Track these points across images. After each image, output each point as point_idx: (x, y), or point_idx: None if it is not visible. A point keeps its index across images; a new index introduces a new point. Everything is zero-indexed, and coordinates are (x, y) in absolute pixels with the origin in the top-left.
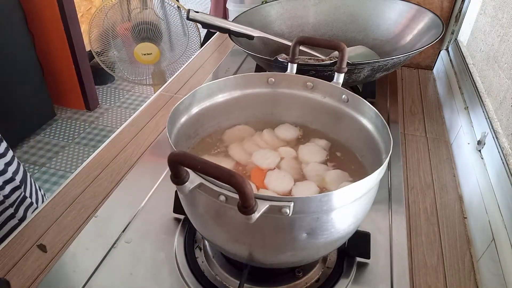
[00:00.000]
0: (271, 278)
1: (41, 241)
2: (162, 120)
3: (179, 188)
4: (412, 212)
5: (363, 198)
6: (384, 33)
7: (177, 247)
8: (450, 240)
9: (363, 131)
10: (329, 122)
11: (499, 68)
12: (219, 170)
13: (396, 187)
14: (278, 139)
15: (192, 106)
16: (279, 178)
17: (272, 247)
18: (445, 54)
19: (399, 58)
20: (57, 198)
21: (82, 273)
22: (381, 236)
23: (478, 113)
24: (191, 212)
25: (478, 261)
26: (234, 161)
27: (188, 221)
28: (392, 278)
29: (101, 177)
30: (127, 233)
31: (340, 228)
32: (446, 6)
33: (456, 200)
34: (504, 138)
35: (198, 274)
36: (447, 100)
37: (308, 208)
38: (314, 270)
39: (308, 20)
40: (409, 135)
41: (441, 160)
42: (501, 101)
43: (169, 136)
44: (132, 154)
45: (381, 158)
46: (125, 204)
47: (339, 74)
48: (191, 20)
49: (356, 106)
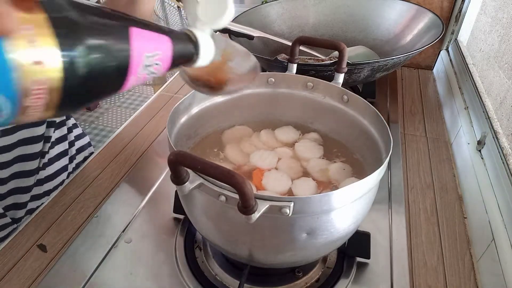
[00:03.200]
0: (271, 278)
1: (41, 241)
2: (162, 120)
3: (179, 188)
4: (412, 212)
5: (363, 198)
6: (384, 33)
7: (177, 247)
8: (450, 240)
9: (363, 131)
10: (329, 122)
11: (499, 68)
12: (219, 170)
13: (396, 187)
14: (275, 140)
15: (192, 106)
16: (277, 178)
17: (272, 247)
18: (445, 54)
19: (399, 58)
20: (57, 198)
21: (82, 273)
22: (381, 236)
23: (478, 113)
24: (191, 212)
25: (478, 261)
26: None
27: (188, 221)
28: (392, 278)
29: (101, 177)
30: (127, 233)
31: (340, 228)
32: (446, 6)
33: (456, 200)
34: (504, 138)
35: (198, 274)
36: (447, 100)
37: (308, 208)
38: (314, 270)
39: (308, 20)
40: (409, 135)
41: (441, 160)
42: (501, 101)
43: (169, 136)
44: (132, 154)
45: (381, 158)
46: (125, 204)
47: (339, 74)
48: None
49: (356, 106)
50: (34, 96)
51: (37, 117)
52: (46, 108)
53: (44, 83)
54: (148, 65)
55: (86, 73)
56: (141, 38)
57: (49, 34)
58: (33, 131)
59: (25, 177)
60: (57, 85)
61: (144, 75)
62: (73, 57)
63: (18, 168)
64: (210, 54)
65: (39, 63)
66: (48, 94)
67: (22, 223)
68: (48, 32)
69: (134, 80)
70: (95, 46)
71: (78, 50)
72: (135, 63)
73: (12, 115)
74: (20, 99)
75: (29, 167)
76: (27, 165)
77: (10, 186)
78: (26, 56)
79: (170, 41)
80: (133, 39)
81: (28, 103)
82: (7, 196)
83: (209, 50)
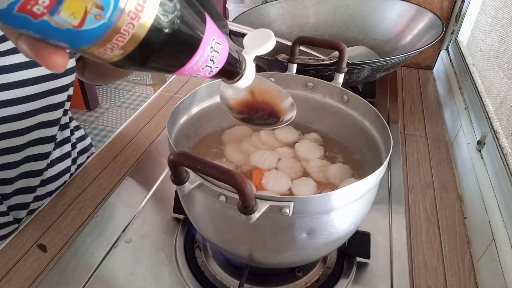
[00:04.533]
0: (271, 278)
1: (41, 241)
2: (162, 120)
3: (179, 188)
4: (412, 212)
5: (363, 198)
6: (384, 33)
7: (177, 247)
8: (450, 240)
9: (363, 131)
10: (329, 122)
11: (499, 68)
12: (219, 170)
13: (396, 187)
14: (275, 140)
15: (192, 106)
16: (277, 178)
17: (272, 247)
18: (445, 54)
19: (399, 58)
20: (57, 198)
21: (82, 273)
22: (381, 236)
23: (478, 113)
24: (191, 212)
25: (478, 261)
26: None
27: (188, 221)
28: (392, 278)
29: (101, 177)
30: (127, 233)
31: (340, 228)
32: (446, 6)
33: (456, 200)
34: (504, 138)
35: (198, 274)
36: (447, 100)
37: (308, 208)
38: (314, 270)
39: (308, 20)
40: (409, 135)
41: (441, 160)
42: (501, 101)
43: (169, 136)
44: (132, 154)
45: (381, 158)
46: (125, 204)
47: (339, 74)
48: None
49: (356, 106)
50: (128, 21)
51: (110, 53)
52: (125, 44)
53: (140, 13)
54: (213, 49)
55: (167, 33)
56: (212, 24)
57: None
58: (44, 132)
59: (32, 177)
60: (141, 35)
61: (207, 58)
62: (166, 15)
63: (26, 168)
64: (251, 77)
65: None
66: (137, 28)
67: (22, 223)
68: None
69: (197, 58)
70: (183, 14)
71: (170, 11)
72: (205, 41)
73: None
74: (120, 14)
75: (37, 167)
76: (35, 165)
77: (17, 186)
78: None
79: (227, 41)
80: (208, 22)
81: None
82: (13, 196)
83: (251, 73)
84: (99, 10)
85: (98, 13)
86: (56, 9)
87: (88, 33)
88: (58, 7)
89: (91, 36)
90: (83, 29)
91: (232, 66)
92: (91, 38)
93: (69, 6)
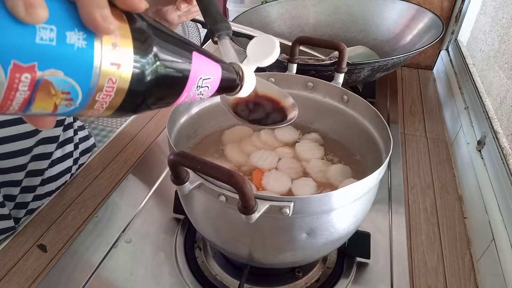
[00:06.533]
0: (271, 278)
1: (41, 241)
2: (162, 120)
3: (179, 188)
4: (412, 212)
5: (363, 198)
6: (384, 33)
7: (177, 247)
8: (450, 240)
9: (363, 131)
10: (329, 122)
11: (499, 68)
12: (219, 170)
13: (396, 187)
14: (275, 140)
15: (192, 106)
16: (277, 178)
17: (272, 247)
18: (445, 54)
19: (399, 58)
20: (57, 198)
21: (82, 273)
22: (381, 236)
23: (478, 113)
24: (191, 212)
25: (478, 261)
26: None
27: (188, 221)
28: (392, 278)
29: (101, 177)
30: (127, 233)
31: (340, 228)
32: (446, 6)
33: (456, 200)
34: (504, 138)
35: (198, 274)
36: (447, 100)
37: (308, 208)
38: (314, 270)
39: (308, 20)
40: (409, 135)
41: (441, 160)
42: (501, 101)
43: (169, 136)
44: (132, 154)
45: (381, 158)
46: (125, 204)
47: (339, 74)
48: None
49: (356, 106)
50: (103, 93)
51: (96, 114)
52: (108, 107)
53: (115, 83)
54: (200, 86)
55: (150, 80)
56: (200, 62)
57: (129, 43)
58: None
59: (34, 176)
60: (124, 87)
61: (194, 95)
62: (144, 64)
63: (30, 168)
64: (251, 87)
65: (116, 65)
66: (115, 94)
67: (22, 223)
68: (129, 41)
69: (184, 97)
70: (163, 59)
71: (149, 59)
72: (190, 82)
73: (80, 107)
74: (93, 93)
75: (39, 167)
76: (38, 164)
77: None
78: (108, 57)
79: (220, 69)
80: (194, 61)
81: (97, 98)
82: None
83: (251, 84)
84: (68, 101)
85: (69, 103)
86: (27, 110)
87: (63, 113)
88: (28, 108)
89: (67, 114)
90: (57, 113)
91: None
92: (67, 115)
93: (38, 105)
